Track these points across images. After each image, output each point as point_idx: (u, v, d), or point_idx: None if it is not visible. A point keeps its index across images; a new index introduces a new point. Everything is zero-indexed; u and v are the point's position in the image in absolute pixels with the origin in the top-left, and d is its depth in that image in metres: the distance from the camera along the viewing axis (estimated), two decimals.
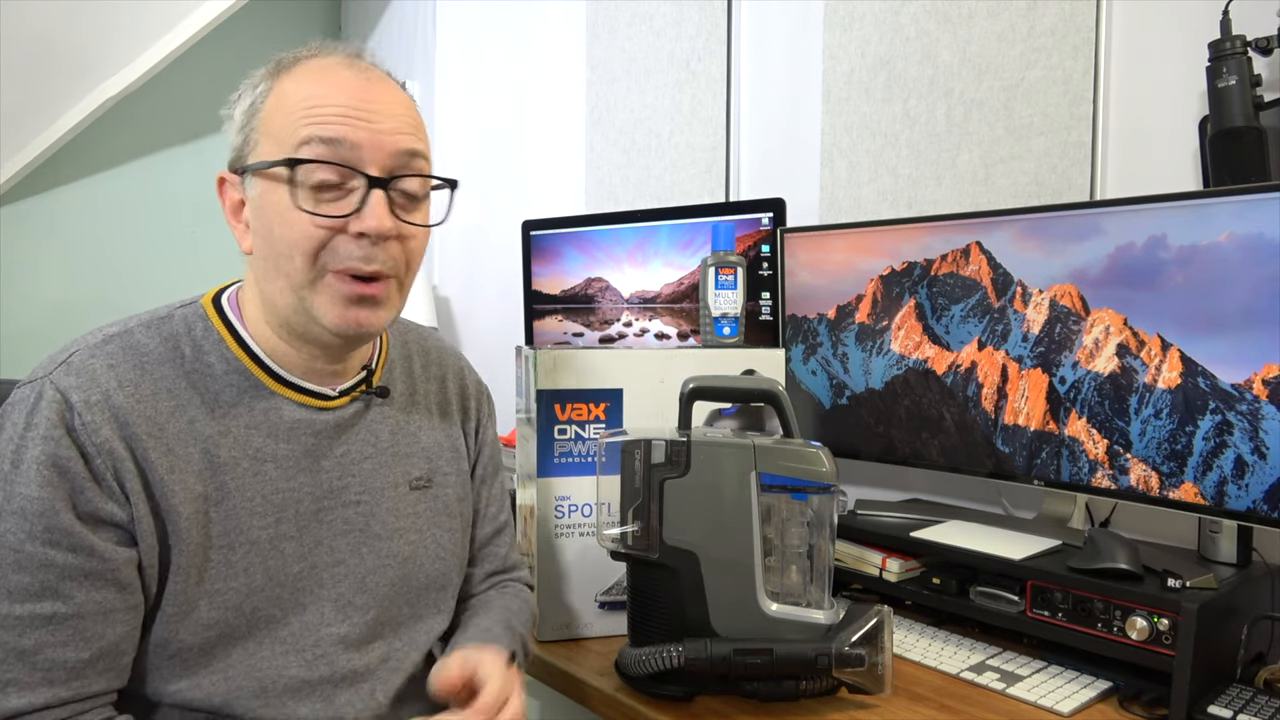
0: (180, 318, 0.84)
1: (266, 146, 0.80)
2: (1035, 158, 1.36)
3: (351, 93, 0.80)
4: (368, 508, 0.89)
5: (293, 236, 0.79)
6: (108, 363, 0.78)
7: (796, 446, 1.01)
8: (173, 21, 2.22)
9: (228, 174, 0.84)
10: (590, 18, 2.06)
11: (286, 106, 0.80)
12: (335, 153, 0.78)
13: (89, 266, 2.36)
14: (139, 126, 2.38)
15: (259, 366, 0.84)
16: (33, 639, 0.73)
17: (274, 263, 0.81)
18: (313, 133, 0.78)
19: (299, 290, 0.80)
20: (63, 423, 0.74)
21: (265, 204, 0.80)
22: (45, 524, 0.73)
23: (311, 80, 0.80)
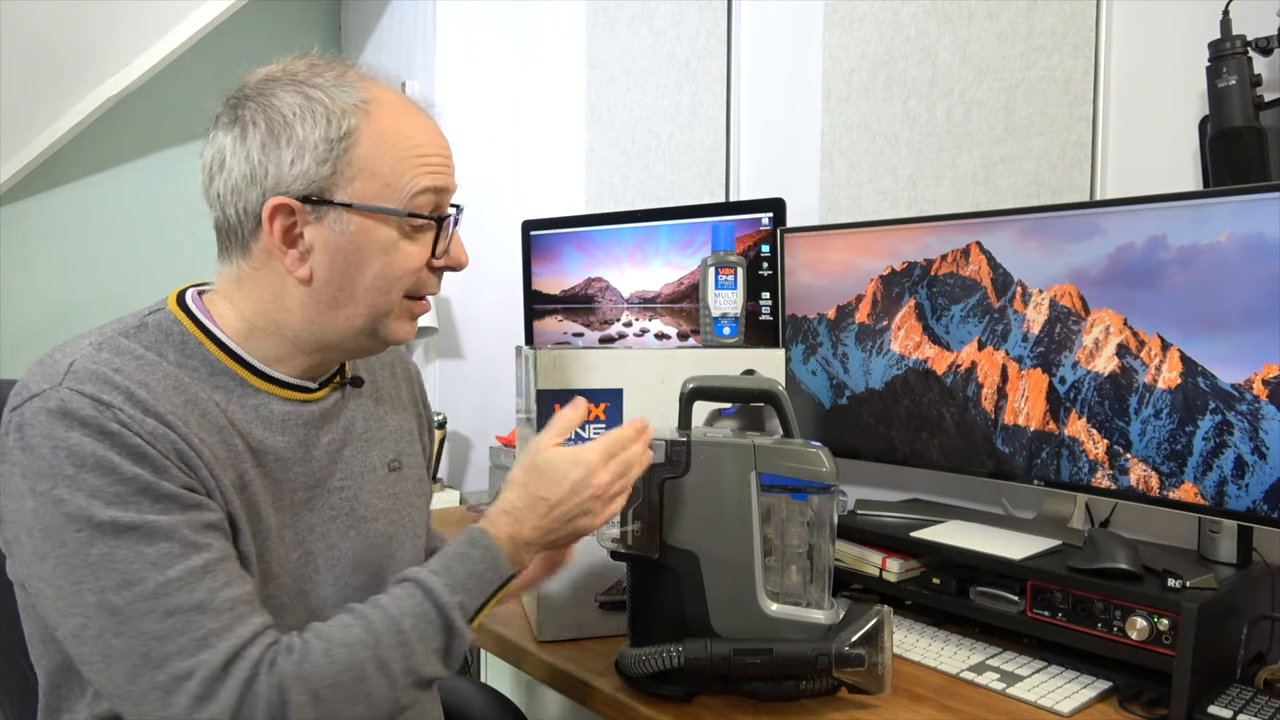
0: (155, 324, 0.83)
1: (368, 186, 0.81)
2: (1035, 158, 1.36)
3: (435, 138, 0.87)
4: (351, 492, 0.91)
5: (396, 273, 0.84)
6: (112, 366, 0.76)
7: (796, 446, 1.01)
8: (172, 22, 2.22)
9: (293, 202, 0.80)
10: (590, 18, 2.06)
11: (395, 149, 0.83)
12: (439, 200, 0.86)
13: (89, 266, 2.36)
14: (139, 127, 2.38)
15: (241, 365, 0.84)
16: (202, 589, 0.72)
17: (352, 292, 0.83)
18: (430, 183, 0.84)
19: (379, 316, 0.85)
20: (113, 419, 0.72)
21: (363, 241, 0.82)
22: (150, 497, 0.72)
23: (409, 124, 0.85)
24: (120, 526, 0.70)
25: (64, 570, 0.70)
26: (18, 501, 0.72)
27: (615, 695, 1.04)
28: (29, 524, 0.71)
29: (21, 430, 0.73)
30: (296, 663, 0.73)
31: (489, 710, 1.24)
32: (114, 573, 0.70)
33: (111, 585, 0.69)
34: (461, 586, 0.81)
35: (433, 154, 0.85)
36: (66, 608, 0.70)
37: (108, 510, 0.70)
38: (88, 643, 0.70)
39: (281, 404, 0.86)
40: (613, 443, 0.91)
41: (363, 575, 0.90)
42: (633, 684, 1.04)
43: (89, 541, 0.70)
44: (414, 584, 0.81)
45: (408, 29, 2.51)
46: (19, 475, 0.72)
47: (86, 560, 0.70)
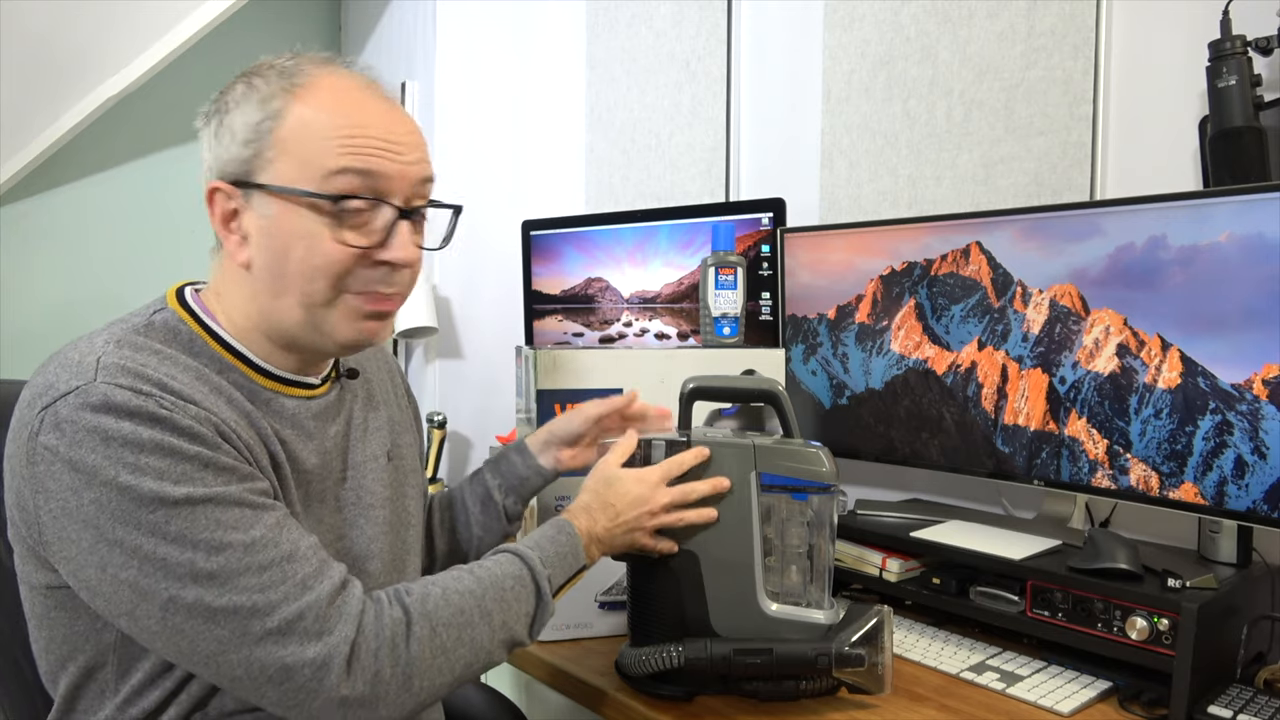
0: (161, 322, 0.83)
1: (287, 168, 0.79)
2: (1035, 158, 1.36)
3: (384, 123, 0.82)
4: (356, 483, 0.92)
5: (317, 262, 0.80)
6: (138, 361, 0.76)
7: (796, 446, 1.01)
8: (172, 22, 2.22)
9: (224, 185, 0.82)
10: (590, 18, 2.06)
11: (316, 131, 0.80)
12: (367, 184, 0.80)
13: (88, 267, 2.36)
14: (138, 127, 2.38)
15: (246, 364, 0.85)
16: (285, 541, 0.74)
17: (285, 282, 0.81)
18: (349, 164, 0.79)
19: (313, 309, 0.82)
20: (159, 406, 0.73)
21: (284, 226, 0.80)
22: (213, 470, 0.73)
23: (339, 106, 0.81)
24: (194, 500, 0.72)
25: (145, 550, 0.70)
26: (68, 498, 0.71)
27: (615, 695, 1.04)
28: (89, 516, 0.71)
29: (60, 429, 0.71)
30: (419, 599, 0.79)
31: (489, 710, 1.24)
32: (200, 543, 0.71)
33: (201, 555, 0.71)
34: (550, 562, 0.90)
35: (363, 136, 0.80)
36: (151, 585, 0.71)
37: (179, 488, 0.71)
38: (181, 612, 0.71)
39: (290, 402, 0.87)
40: (672, 466, 1.01)
41: (375, 562, 0.91)
42: (633, 684, 1.04)
43: (166, 520, 0.71)
44: (513, 554, 0.89)
45: (408, 29, 2.51)
46: (67, 472, 0.71)
47: (168, 537, 0.71)
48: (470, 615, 0.81)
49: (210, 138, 0.83)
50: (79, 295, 2.32)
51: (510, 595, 0.85)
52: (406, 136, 0.83)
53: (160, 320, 0.83)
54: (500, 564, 0.87)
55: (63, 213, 2.33)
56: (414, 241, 0.84)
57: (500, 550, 0.90)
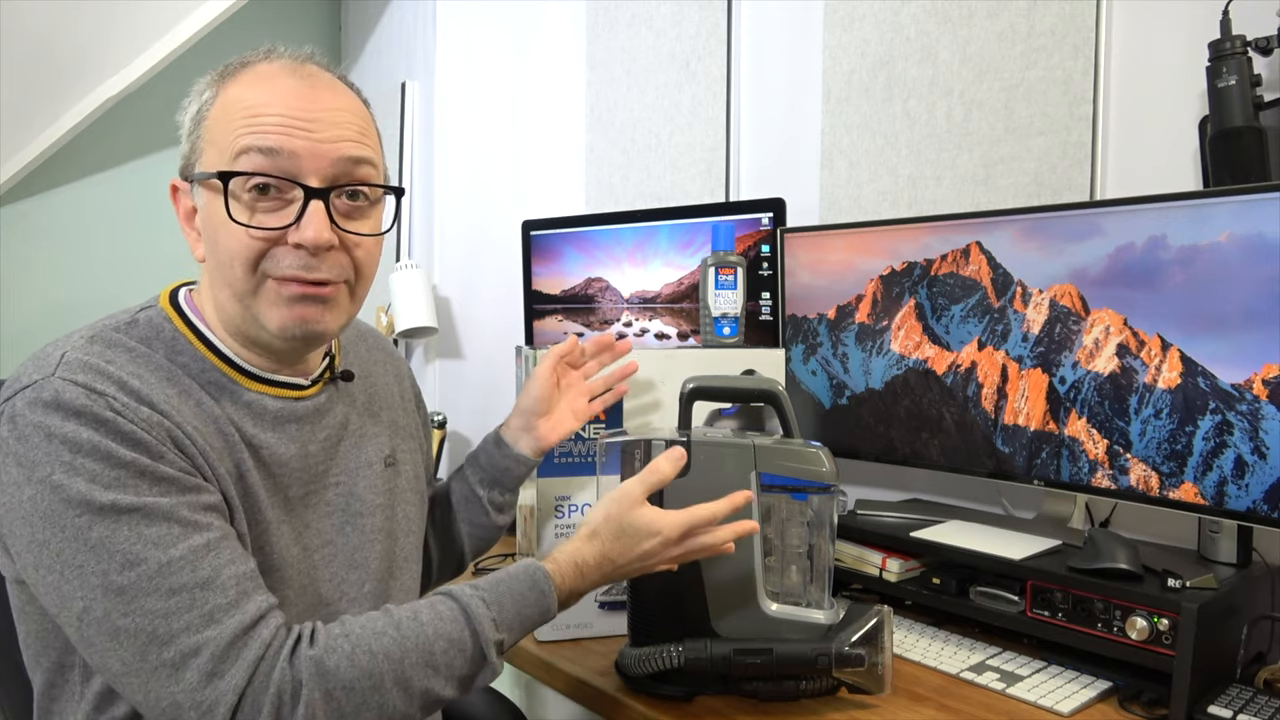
0: (145, 321, 0.83)
1: (210, 155, 0.80)
2: (1035, 158, 1.36)
3: (292, 100, 0.79)
4: (346, 488, 0.91)
5: (232, 246, 0.79)
6: (104, 358, 0.76)
7: (796, 446, 1.01)
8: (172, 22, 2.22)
9: (179, 181, 0.84)
10: (590, 18, 2.06)
11: (228, 115, 0.79)
12: (274, 163, 0.78)
13: (88, 267, 2.36)
14: (138, 127, 2.38)
15: (229, 365, 0.84)
16: (206, 567, 0.71)
17: (219, 272, 0.81)
18: (250, 142, 0.77)
19: (243, 299, 0.81)
20: (106, 407, 0.72)
21: (208, 214, 0.80)
22: (149, 480, 0.72)
23: (253, 87, 0.79)
24: (120, 508, 0.70)
25: (66, 554, 0.70)
26: (13, 492, 0.72)
27: (615, 695, 1.04)
28: (26, 512, 0.71)
29: (14, 421, 0.72)
30: (318, 659, 0.72)
31: (489, 710, 1.24)
32: (116, 554, 0.69)
33: (115, 566, 0.69)
34: (506, 625, 0.82)
35: (268, 114, 0.78)
36: (70, 592, 0.70)
37: (107, 493, 0.70)
38: (93, 625, 0.70)
39: (274, 402, 0.86)
40: (696, 520, 0.91)
41: (359, 571, 0.90)
42: (633, 684, 1.04)
43: (89, 525, 0.70)
44: (460, 608, 0.80)
45: (408, 29, 2.51)
46: (14, 465, 0.71)
47: (88, 543, 0.70)
48: (381, 680, 0.74)
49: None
50: (79, 295, 2.32)
51: (441, 660, 0.77)
52: (324, 114, 0.79)
53: (145, 318, 0.83)
54: (439, 619, 0.78)
55: (63, 213, 2.33)
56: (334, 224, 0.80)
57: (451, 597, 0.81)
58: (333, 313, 0.83)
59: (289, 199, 0.79)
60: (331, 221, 0.80)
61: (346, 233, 0.82)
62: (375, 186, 0.84)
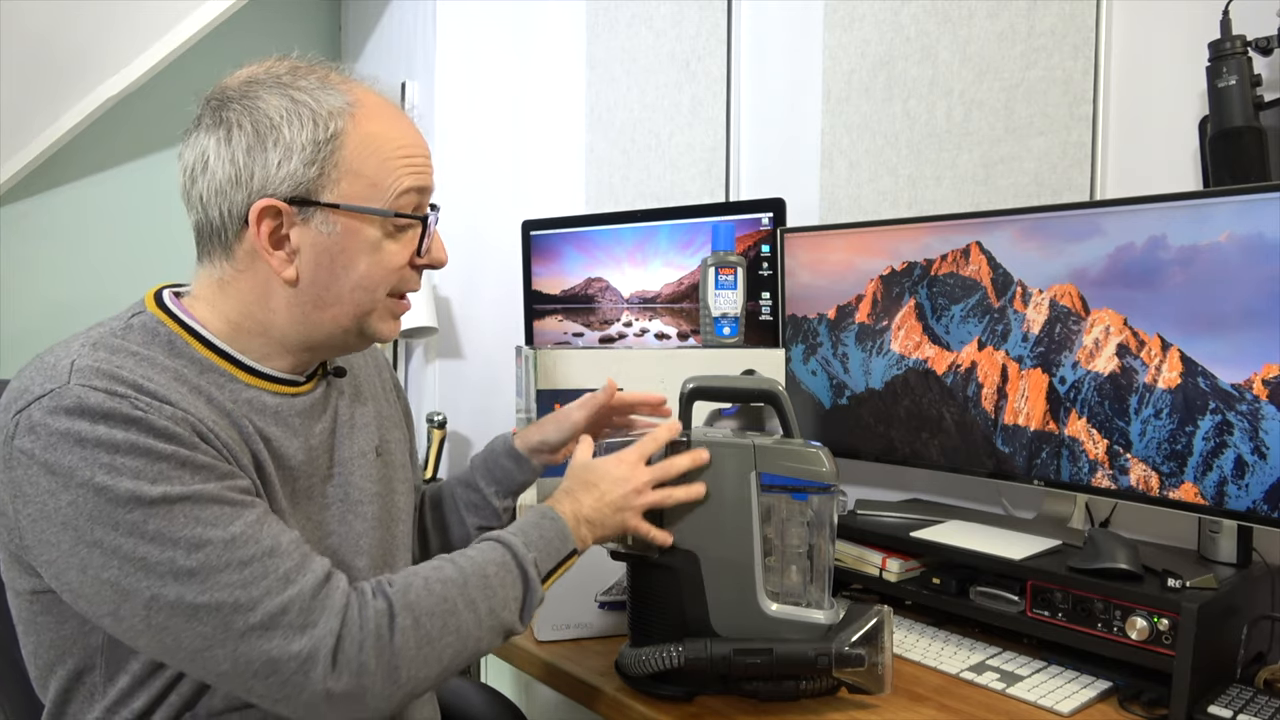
0: (140, 325, 0.83)
1: (355, 186, 0.82)
2: (1035, 158, 1.36)
3: (419, 141, 0.88)
4: (342, 479, 0.92)
5: (380, 273, 0.85)
6: (113, 363, 0.76)
7: (796, 446, 1.01)
8: (172, 22, 2.22)
9: (282, 204, 0.80)
10: (590, 18, 2.06)
11: (379, 150, 0.83)
12: (422, 200, 0.88)
13: (88, 266, 2.36)
14: (138, 127, 2.38)
15: (229, 362, 0.85)
16: (267, 537, 0.74)
17: (339, 292, 0.84)
18: (415, 183, 0.85)
19: (363, 316, 0.86)
20: (133, 407, 0.73)
21: (350, 241, 0.83)
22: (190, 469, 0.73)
23: (393, 125, 0.85)
24: (171, 499, 0.71)
25: (125, 549, 0.70)
26: (46, 500, 0.71)
27: (615, 695, 1.04)
28: (67, 518, 0.70)
29: (35, 431, 0.71)
30: (400, 591, 0.78)
31: (489, 710, 1.24)
32: (180, 540, 0.71)
33: (181, 553, 0.71)
34: (536, 546, 0.89)
35: (416, 155, 0.86)
36: (133, 585, 0.71)
37: (155, 487, 0.71)
38: (163, 611, 0.71)
39: (273, 398, 0.87)
40: (648, 444, 1.01)
41: (363, 558, 0.91)
42: (633, 684, 1.04)
43: (144, 519, 0.70)
44: (495, 541, 0.88)
45: (408, 29, 2.51)
46: (44, 475, 0.71)
47: (146, 536, 0.70)
48: (454, 603, 0.80)
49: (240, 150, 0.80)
50: (79, 295, 2.32)
51: (495, 581, 0.84)
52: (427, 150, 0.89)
53: (139, 323, 0.83)
54: (483, 551, 0.87)
55: (63, 213, 2.33)
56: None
57: (483, 538, 0.90)
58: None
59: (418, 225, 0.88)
60: None
61: None
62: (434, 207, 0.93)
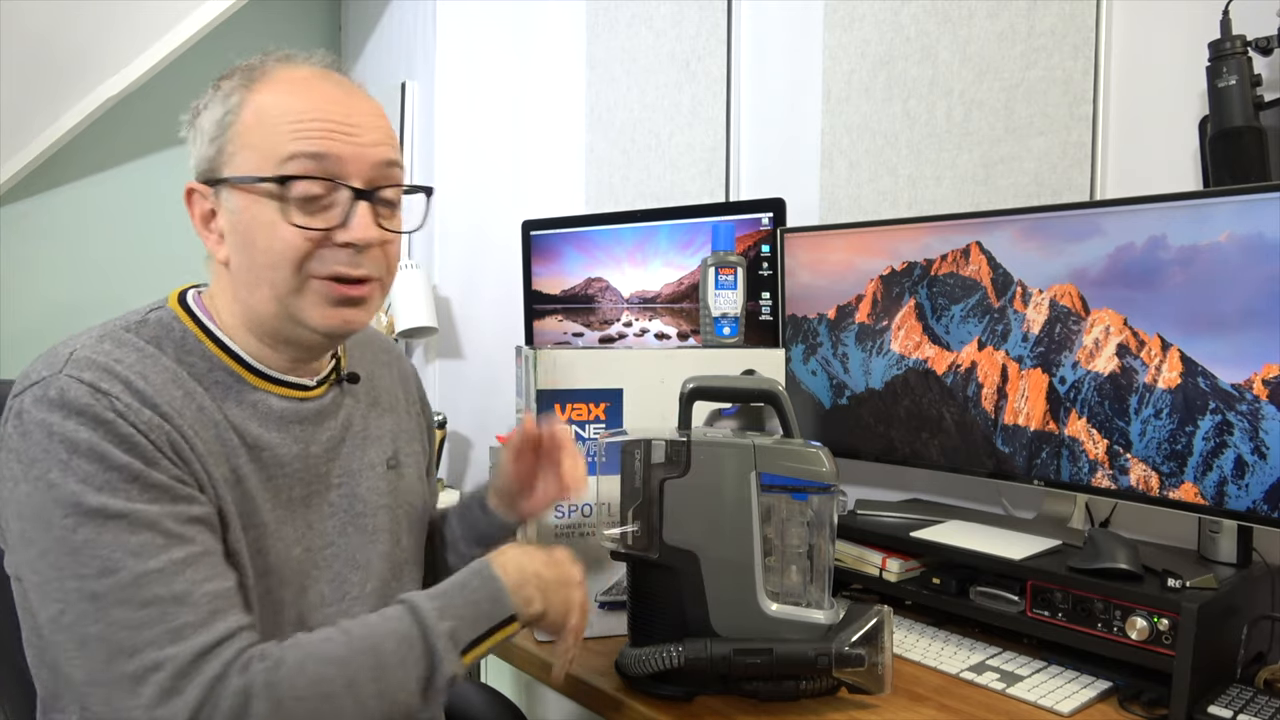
0: (155, 320, 0.84)
1: (246, 160, 0.81)
2: (1035, 158, 1.36)
3: (331, 106, 0.82)
4: (349, 489, 0.92)
5: (279, 248, 0.81)
6: (113, 356, 0.77)
7: (796, 446, 1.01)
8: (172, 22, 2.22)
9: (198, 185, 0.84)
10: (590, 18, 2.06)
11: (268, 120, 0.81)
12: (321, 167, 0.81)
13: (89, 267, 2.36)
14: (138, 127, 2.38)
15: (239, 364, 0.85)
16: (182, 582, 0.72)
17: (256, 273, 0.82)
18: (300, 148, 0.80)
19: (284, 298, 0.82)
20: (109, 408, 0.73)
21: (248, 217, 0.81)
22: (139, 485, 0.72)
23: (292, 93, 0.82)
24: (107, 513, 0.71)
25: (50, 555, 0.70)
26: (12, 487, 0.73)
27: (615, 695, 1.04)
28: (20, 508, 0.72)
29: (20, 417, 0.73)
30: (269, 670, 0.72)
31: (489, 710, 1.25)
32: (96, 559, 0.70)
33: (92, 572, 0.70)
34: (454, 614, 0.80)
35: (313, 119, 0.81)
36: (49, 592, 0.71)
37: (97, 496, 0.71)
38: (64, 629, 0.70)
39: (280, 401, 0.87)
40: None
41: (361, 572, 0.91)
42: (633, 684, 1.04)
43: (74, 527, 0.70)
44: (406, 605, 0.80)
45: (408, 29, 2.51)
46: (15, 461, 0.72)
47: (70, 545, 0.70)
48: (331, 686, 0.73)
49: (190, 143, 0.85)
50: (79, 295, 2.33)
51: (391, 659, 0.76)
52: (363, 119, 0.83)
53: (155, 318, 0.84)
54: (387, 620, 0.79)
55: (63, 213, 2.33)
56: (377, 223, 0.84)
57: (397, 600, 0.82)
58: (368, 310, 0.87)
59: (333, 201, 0.82)
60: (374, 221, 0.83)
61: (385, 230, 0.85)
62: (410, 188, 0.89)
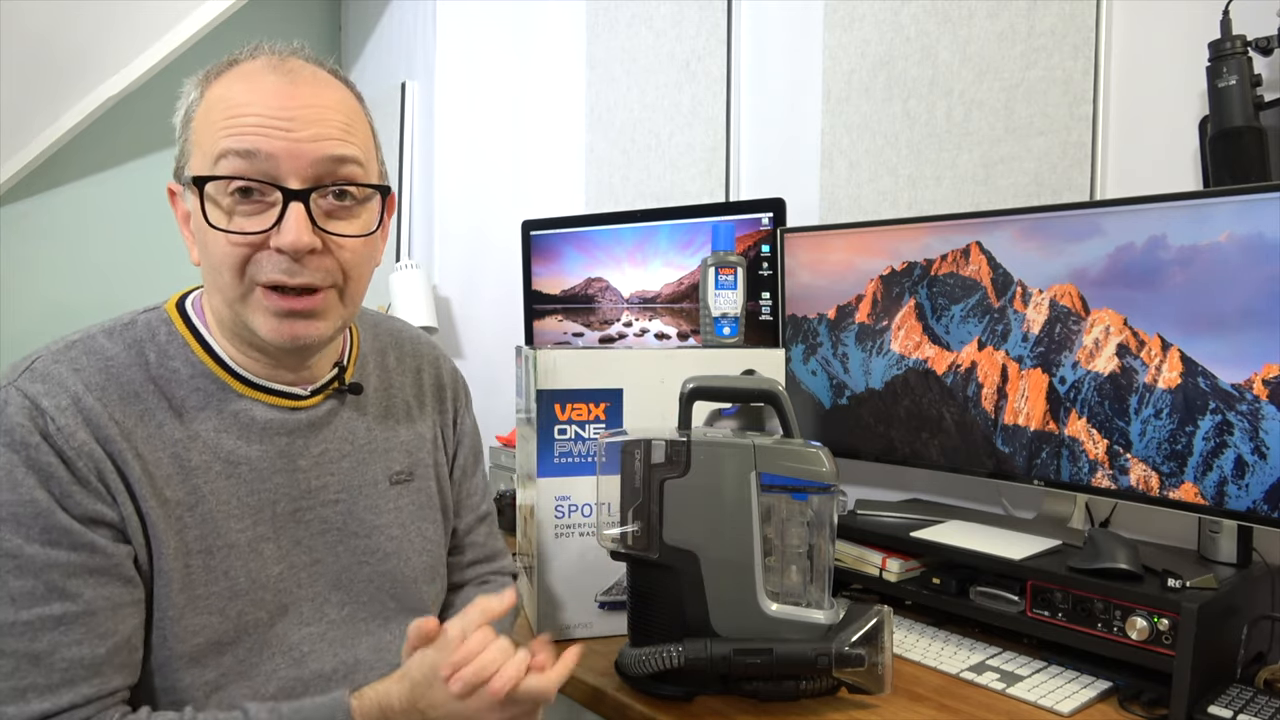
0: (144, 323, 0.83)
1: (195, 159, 0.78)
2: (1035, 158, 1.36)
3: (270, 99, 0.76)
4: (346, 506, 0.89)
5: (217, 253, 0.77)
6: (72, 368, 0.76)
7: (796, 446, 1.01)
8: (172, 22, 2.22)
9: (174, 184, 0.82)
10: (590, 18, 2.06)
11: (211, 116, 0.77)
12: (252, 165, 0.75)
13: (89, 267, 2.36)
14: (138, 127, 2.38)
15: (224, 370, 0.83)
16: (46, 641, 0.71)
17: (210, 277, 0.80)
18: (229, 145, 0.75)
19: (233, 304, 0.79)
20: (37, 429, 0.72)
21: (197, 218, 0.78)
22: (41, 525, 0.71)
23: (234, 86, 0.77)
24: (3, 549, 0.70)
25: None
26: None
27: (615, 695, 1.04)
28: None
29: None
30: None
31: None
32: None
33: None
34: None
35: (245, 114, 0.75)
36: None
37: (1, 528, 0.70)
38: None
39: (265, 410, 0.84)
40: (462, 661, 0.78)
41: (342, 593, 0.88)
42: (633, 684, 1.04)
43: None
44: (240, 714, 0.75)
45: (408, 29, 2.51)
46: None
47: None
48: None
49: None
50: (79, 295, 2.33)
51: None
52: (303, 111, 0.76)
53: (144, 320, 0.83)
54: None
55: (63, 213, 2.33)
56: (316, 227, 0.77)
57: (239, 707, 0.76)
58: (324, 321, 0.80)
59: (269, 202, 0.76)
60: (314, 224, 0.77)
61: (329, 234, 0.78)
62: (360, 186, 0.80)
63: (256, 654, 0.82)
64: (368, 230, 0.82)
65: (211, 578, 0.79)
